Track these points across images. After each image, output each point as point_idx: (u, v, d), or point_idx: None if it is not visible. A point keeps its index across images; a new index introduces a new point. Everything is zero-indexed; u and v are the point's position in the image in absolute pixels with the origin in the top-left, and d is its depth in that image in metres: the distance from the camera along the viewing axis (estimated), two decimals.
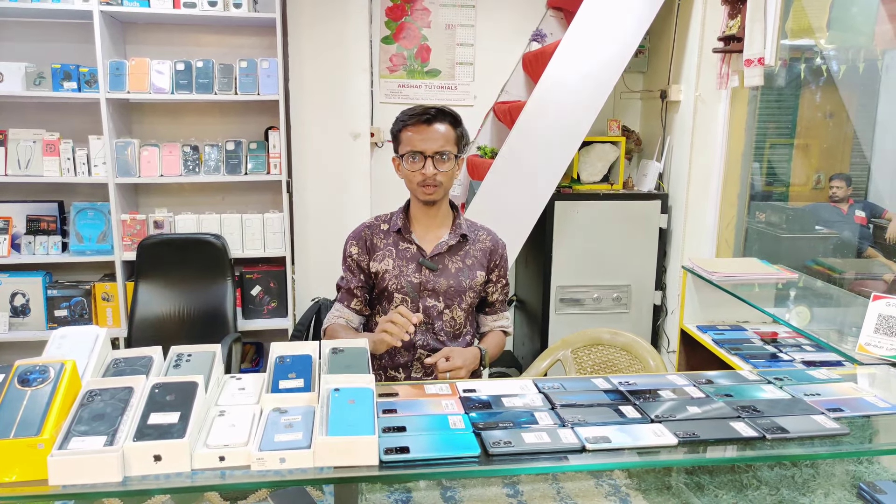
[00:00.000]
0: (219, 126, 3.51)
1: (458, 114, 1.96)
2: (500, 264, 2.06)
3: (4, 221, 3.27)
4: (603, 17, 3.07)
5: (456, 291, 1.97)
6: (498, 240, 2.08)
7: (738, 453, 1.20)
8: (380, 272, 1.97)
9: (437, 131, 1.88)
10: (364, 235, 2.02)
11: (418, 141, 1.88)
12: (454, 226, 2.02)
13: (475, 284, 1.99)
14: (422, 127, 1.88)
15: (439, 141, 1.88)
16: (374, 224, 2.04)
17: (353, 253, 2.01)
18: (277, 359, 1.30)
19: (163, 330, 3.17)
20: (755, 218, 3.73)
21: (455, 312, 1.98)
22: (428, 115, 1.89)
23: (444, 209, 2.02)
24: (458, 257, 1.99)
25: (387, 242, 1.99)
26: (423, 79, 3.73)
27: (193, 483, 1.03)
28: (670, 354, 3.43)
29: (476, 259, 2.01)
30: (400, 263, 1.96)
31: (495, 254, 2.05)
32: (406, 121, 1.91)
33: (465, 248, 2.01)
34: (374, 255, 1.99)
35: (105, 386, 1.13)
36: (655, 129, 3.64)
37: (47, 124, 3.27)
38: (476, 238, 2.04)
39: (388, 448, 1.09)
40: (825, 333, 2.02)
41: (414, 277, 1.95)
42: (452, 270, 1.98)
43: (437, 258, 1.97)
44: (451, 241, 1.98)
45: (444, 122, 1.90)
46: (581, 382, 1.44)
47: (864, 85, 3.55)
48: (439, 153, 1.88)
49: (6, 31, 3.27)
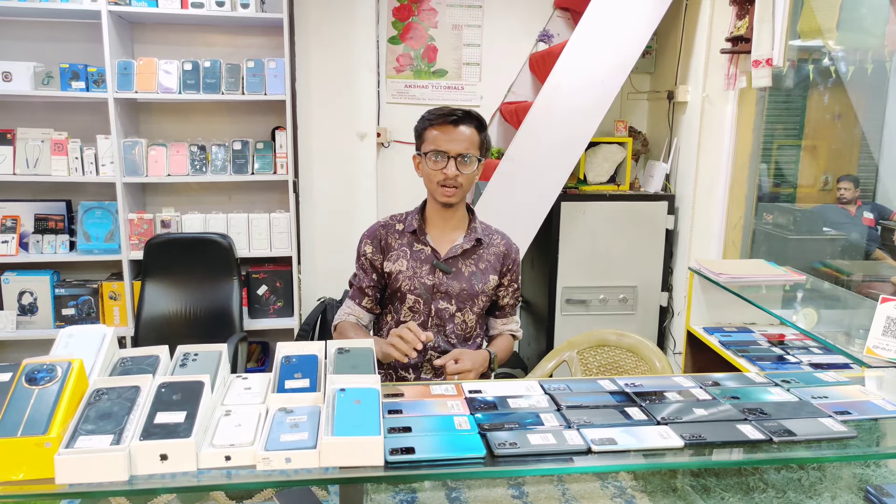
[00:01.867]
0: (226, 126, 3.52)
1: (484, 119, 1.95)
2: (512, 269, 2.05)
3: (13, 220, 3.28)
4: (610, 18, 3.06)
5: (469, 295, 1.96)
6: (512, 244, 2.07)
7: (744, 456, 1.20)
8: (393, 273, 1.96)
9: (463, 133, 1.88)
10: (379, 235, 2.00)
11: (443, 141, 1.87)
12: (469, 229, 2.01)
13: (487, 289, 1.99)
14: (448, 127, 1.88)
15: (464, 143, 1.87)
16: (390, 224, 2.02)
17: (367, 252, 2.00)
18: (283, 359, 1.30)
19: (169, 329, 3.18)
20: (762, 219, 3.71)
21: (467, 316, 1.98)
22: (455, 116, 1.88)
23: (461, 212, 2.01)
24: (471, 261, 1.98)
25: (401, 243, 1.98)
26: (430, 79, 3.73)
27: (199, 482, 1.03)
28: (677, 356, 3.42)
29: (489, 263, 2.00)
30: (414, 265, 1.95)
31: (508, 258, 2.04)
32: (433, 119, 1.90)
33: (480, 251, 2.00)
34: (388, 254, 1.98)
35: (112, 385, 1.13)
36: (662, 130, 3.63)
37: (55, 123, 3.29)
38: (490, 242, 2.03)
39: (394, 448, 1.09)
40: (833, 336, 2.01)
41: (427, 279, 1.94)
42: (466, 274, 1.97)
43: (451, 261, 1.96)
44: (465, 244, 1.97)
45: (470, 124, 1.89)
46: (587, 384, 1.44)
47: (873, 86, 3.53)
48: (462, 155, 1.87)
49: (15, 30, 3.29)
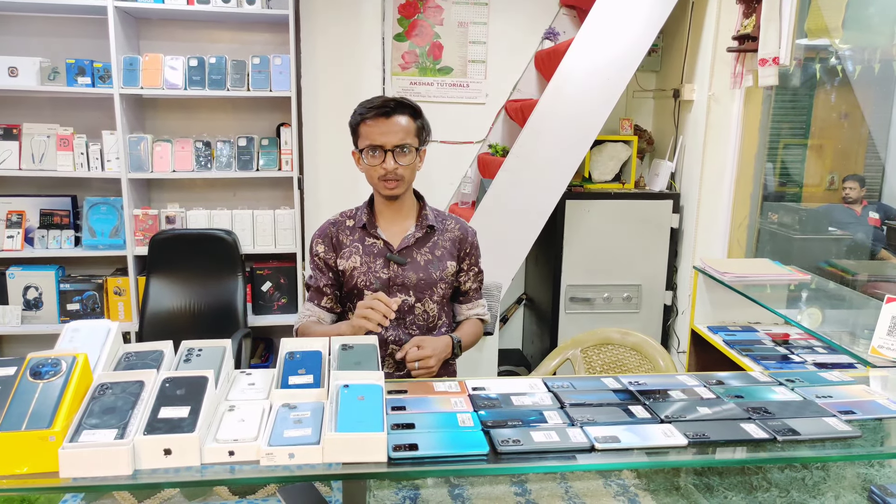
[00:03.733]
0: (231, 122, 3.52)
1: (418, 105, 1.90)
2: (470, 252, 2.02)
3: (18, 215, 3.29)
4: (616, 16, 3.05)
5: (426, 284, 1.93)
6: (467, 228, 2.04)
7: (748, 455, 1.19)
8: (347, 270, 1.93)
9: (398, 124, 1.83)
10: (329, 233, 1.98)
11: (377, 134, 1.83)
12: (420, 217, 1.98)
13: (446, 275, 1.96)
14: (381, 120, 1.83)
15: (399, 134, 1.83)
16: (340, 220, 1.99)
17: (319, 251, 1.97)
18: (287, 354, 1.30)
19: (174, 324, 3.18)
20: (768, 218, 3.70)
21: (427, 305, 1.95)
22: (387, 107, 1.83)
23: (409, 201, 1.98)
24: (426, 249, 1.95)
25: (353, 239, 1.95)
26: (435, 76, 3.72)
27: (203, 477, 1.04)
28: (681, 355, 3.41)
29: (445, 249, 1.97)
30: (367, 260, 1.93)
31: (465, 242, 2.01)
32: (364, 113, 1.85)
33: (434, 238, 1.97)
34: (340, 252, 1.95)
35: (116, 379, 1.14)
36: (668, 129, 3.62)
37: (61, 119, 3.30)
38: (444, 228, 2.00)
39: (397, 445, 1.10)
40: (837, 335, 2.00)
41: (382, 273, 1.92)
42: (421, 263, 1.94)
43: (405, 251, 1.93)
44: (417, 233, 1.94)
45: (403, 113, 1.85)
46: (590, 382, 1.44)
47: (880, 85, 3.52)
48: (399, 147, 1.83)
49: (21, 25, 3.29)
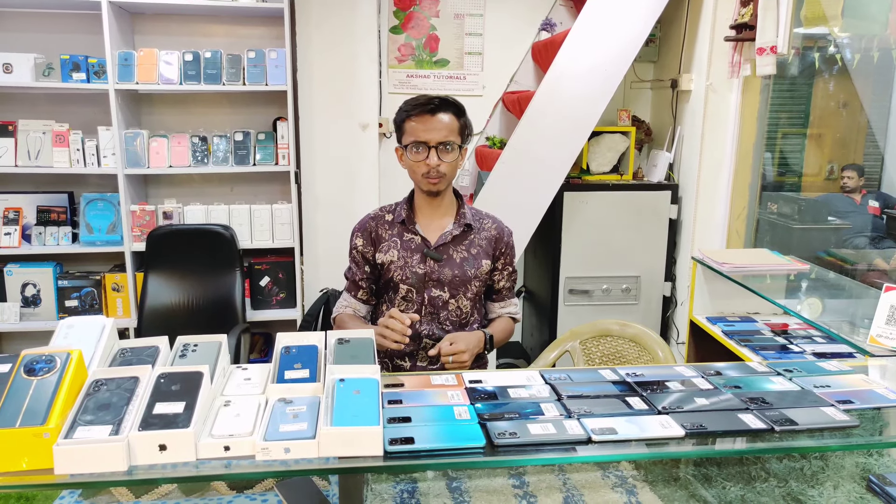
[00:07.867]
0: (227, 117, 3.51)
1: (462, 104, 1.94)
2: (505, 252, 2.05)
3: (15, 212, 3.29)
4: (613, 6, 3.03)
5: (461, 281, 1.97)
6: (503, 227, 2.07)
7: (746, 445, 1.19)
8: (385, 263, 1.97)
9: (441, 121, 1.87)
10: (369, 227, 2.02)
11: (422, 131, 1.87)
12: (458, 215, 2.01)
13: (480, 273, 1.99)
14: (426, 117, 1.87)
15: (443, 131, 1.87)
16: (379, 215, 2.04)
17: (358, 245, 2.02)
18: (283, 349, 1.30)
19: (172, 320, 3.18)
20: (766, 208, 3.69)
21: (461, 302, 1.98)
22: (432, 104, 1.87)
23: (449, 199, 2.01)
24: (462, 247, 1.99)
25: (392, 233, 1.99)
26: (432, 69, 3.71)
27: (199, 472, 1.03)
28: (679, 346, 3.41)
29: (481, 248, 2.00)
30: (405, 254, 1.96)
31: (501, 241, 2.04)
32: (410, 111, 1.90)
33: (470, 237, 2.00)
34: (379, 246, 1.99)
35: (111, 376, 1.13)
36: (666, 119, 3.61)
37: (57, 115, 3.28)
38: (481, 227, 2.03)
39: (393, 438, 1.09)
40: (836, 325, 2.00)
41: (419, 268, 1.95)
42: (457, 260, 1.97)
43: (442, 248, 1.97)
44: (455, 230, 1.97)
45: (448, 112, 1.89)
46: (588, 374, 1.43)
47: (879, 74, 3.50)
48: (443, 144, 1.87)
49: (15, 21, 3.28)
